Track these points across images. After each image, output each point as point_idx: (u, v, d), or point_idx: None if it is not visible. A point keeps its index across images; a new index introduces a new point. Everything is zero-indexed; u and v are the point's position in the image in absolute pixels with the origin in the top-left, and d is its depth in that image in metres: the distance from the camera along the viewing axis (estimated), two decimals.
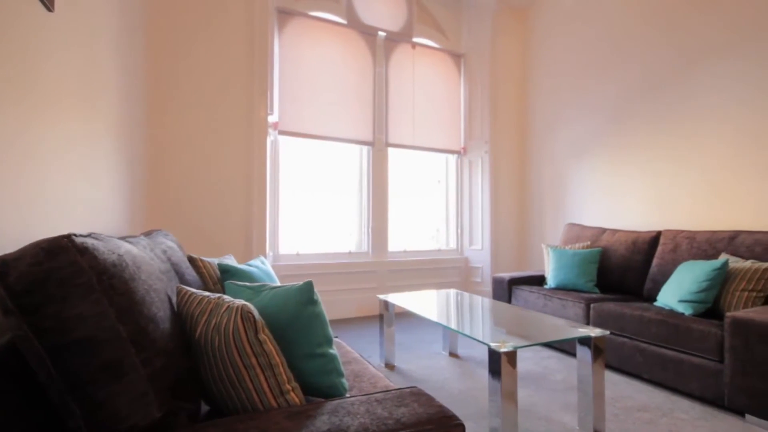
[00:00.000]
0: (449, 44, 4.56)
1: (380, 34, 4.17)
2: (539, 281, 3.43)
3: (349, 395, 1.16)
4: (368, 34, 4.11)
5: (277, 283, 1.85)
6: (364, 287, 4.03)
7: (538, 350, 2.94)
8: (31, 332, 0.69)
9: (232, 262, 1.98)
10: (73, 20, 1.53)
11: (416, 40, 4.37)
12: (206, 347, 0.94)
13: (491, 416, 1.58)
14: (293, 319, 1.06)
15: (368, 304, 4.03)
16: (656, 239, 3.00)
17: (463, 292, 2.87)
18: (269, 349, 0.94)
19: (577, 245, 3.33)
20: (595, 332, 1.79)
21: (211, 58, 3.20)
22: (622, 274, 3.06)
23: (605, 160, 3.69)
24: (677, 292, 2.37)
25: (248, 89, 3.33)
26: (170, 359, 0.87)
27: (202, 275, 1.81)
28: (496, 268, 4.39)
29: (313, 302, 1.08)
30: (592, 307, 2.70)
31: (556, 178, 4.21)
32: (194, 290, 1.08)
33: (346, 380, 1.14)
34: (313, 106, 3.84)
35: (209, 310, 0.98)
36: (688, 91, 3.03)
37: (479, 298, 2.66)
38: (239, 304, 0.95)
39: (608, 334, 1.84)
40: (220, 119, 3.23)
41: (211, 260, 1.91)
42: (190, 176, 3.13)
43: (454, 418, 0.92)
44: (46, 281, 0.70)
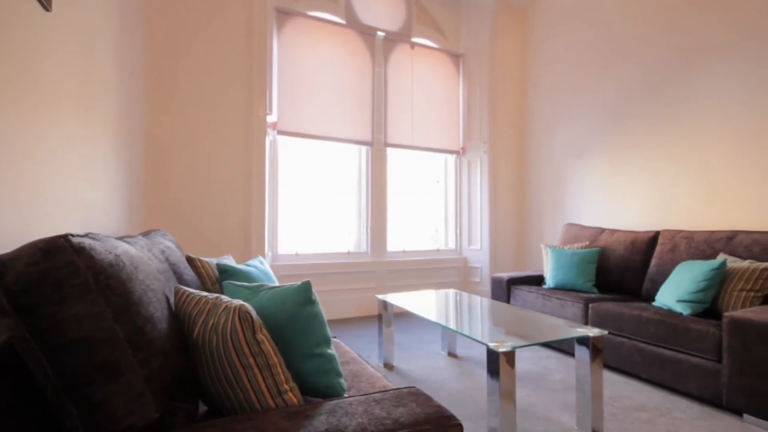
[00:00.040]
0: (448, 44, 4.56)
1: (379, 34, 4.17)
2: (538, 281, 3.43)
3: (347, 395, 1.16)
4: (367, 34, 4.11)
5: (275, 283, 1.85)
6: (362, 287, 4.03)
7: (536, 350, 2.94)
8: (27, 332, 0.69)
9: (230, 262, 1.97)
10: (71, 20, 1.52)
11: (415, 40, 4.37)
12: (204, 347, 0.94)
13: (490, 416, 1.58)
14: (291, 319, 1.06)
15: (367, 304, 4.03)
16: (655, 239, 3.00)
17: (461, 292, 2.87)
18: (267, 349, 0.94)
19: (575, 245, 3.33)
20: (593, 332, 1.79)
21: (210, 57, 3.20)
22: (620, 274, 3.06)
23: (604, 160, 3.69)
24: (675, 292, 2.37)
25: (247, 89, 3.33)
26: (167, 359, 0.87)
27: (200, 275, 1.80)
28: (494, 268, 4.40)
29: (311, 302, 1.08)
30: (590, 307, 2.70)
31: (555, 178, 4.21)
32: (192, 290, 1.08)
33: (344, 380, 1.14)
34: (312, 106, 3.84)
35: (207, 310, 0.98)
36: (687, 91, 3.04)
37: (478, 298, 2.66)
38: (237, 304, 0.94)
39: (606, 334, 1.85)
40: (218, 119, 3.23)
41: (209, 260, 1.91)
42: (189, 176, 3.13)
43: (452, 418, 0.92)
44: (42, 281, 0.70)
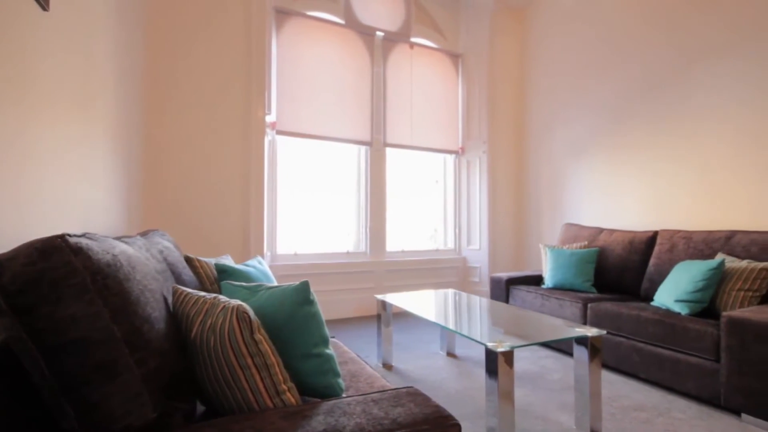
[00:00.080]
0: (447, 44, 4.56)
1: (378, 34, 4.17)
2: (537, 281, 3.44)
3: (345, 395, 1.16)
4: (366, 34, 4.11)
5: (274, 283, 1.84)
6: (361, 287, 4.03)
7: (535, 350, 2.94)
8: (24, 333, 0.68)
9: (229, 262, 1.97)
10: (69, 20, 1.52)
11: (414, 40, 4.37)
12: (202, 347, 0.94)
13: (488, 416, 1.59)
14: (289, 319, 1.06)
15: (366, 304, 4.03)
16: (653, 239, 3.00)
17: (460, 292, 2.87)
18: (265, 349, 0.94)
19: (574, 245, 3.34)
20: (591, 332, 1.79)
21: (208, 57, 3.20)
22: (619, 273, 3.07)
23: (603, 159, 3.69)
24: (674, 291, 2.37)
25: (246, 89, 3.33)
26: (165, 359, 0.87)
27: (199, 275, 1.80)
28: (493, 267, 4.40)
29: (309, 302, 1.08)
30: (589, 306, 2.70)
31: (553, 177, 4.22)
32: (190, 290, 1.08)
33: (342, 380, 1.14)
34: (311, 106, 3.83)
35: (205, 310, 0.98)
36: (686, 90, 3.04)
37: (477, 297, 2.66)
38: (235, 304, 0.94)
39: (605, 333, 1.85)
40: (217, 119, 3.23)
41: (208, 260, 1.90)
42: (187, 176, 3.13)
43: (450, 418, 0.92)
44: (39, 281, 0.70)
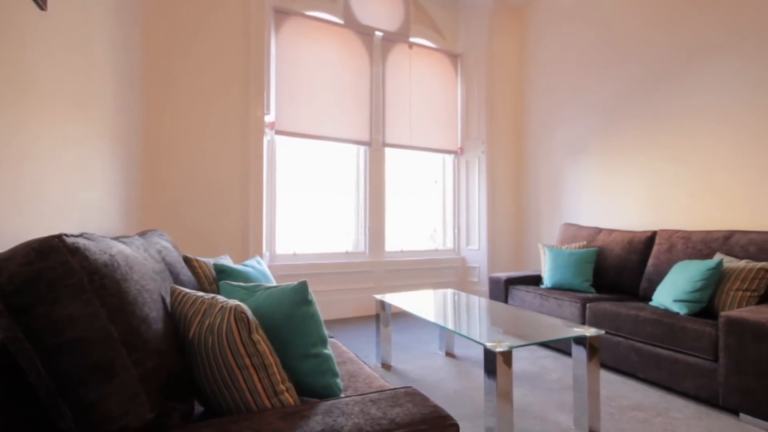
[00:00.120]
0: (446, 44, 4.56)
1: (377, 34, 4.17)
2: (536, 281, 3.44)
3: (343, 395, 1.16)
4: (365, 34, 4.11)
5: (273, 283, 1.84)
6: (361, 287, 4.03)
7: (534, 350, 2.95)
8: (21, 333, 0.68)
9: (227, 262, 1.97)
10: (66, 19, 1.52)
11: (413, 40, 4.37)
12: (200, 348, 0.94)
13: (487, 416, 1.59)
14: (287, 319, 1.05)
15: (365, 304, 4.03)
16: (652, 239, 3.01)
17: (459, 292, 2.87)
18: (263, 349, 0.94)
19: (573, 245, 3.34)
20: (590, 332, 1.80)
21: (207, 57, 3.19)
22: (617, 273, 3.07)
23: (602, 159, 3.70)
24: (672, 291, 2.38)
25: (245, 89, 3.33)
26: (163, 360, 0.87)
27: (197, 275, 1.80)
28: (492, 267, 4.40)
29: (307, 302, 1.08)
30: (587, 306, 2.70)
31: (552, 177, 4.22)
32: (188, 290, 1.08)
33: (341, 380, 1.14)
34: (310, 105, 3.83)
35: (203, 310, 0.97)
36: (686, 90, 3.04)
37: (476, 297, 2.66)
38: (233, 304, 0.94)
39: (603, 333, 1.85)
40: (216, 119, 3.22)
41: (206, 260, 1.90)
42: (186, 176, 3.12)
43: (448, 418, 0.92)
44: (36, 281, 0.69)
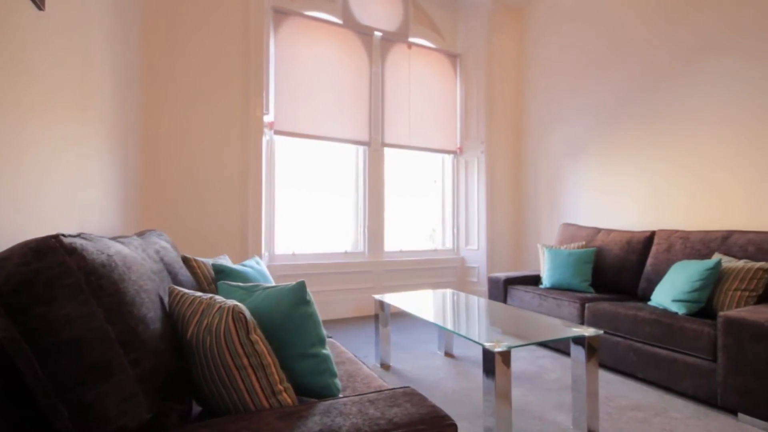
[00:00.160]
0: (445, 44, 4.56)
1: (376, 34, 4.17)
2: (535, 281, 3.44)
3: (342, 395, 1.16)
4: (364, 34, 4.11)
5: (271, 283, 1.84)
6: (360, 287, 4.03)
7: (533, 350, 2.95)
8: (18, 333, 0.68)
9: (226, 262, 1.97)
10: (65, 19, 1.52)
11: (412, 40, 4.37)
12: (198, 348, 0.94)
13: (485, 416, 1.59)
14: (286, 319, 1.05)
15: (364, 304, 4.03)
16: (650, 239, 3.01)
17: (459, 292, 2.87)
18: (261, 349, 0.94)
19: (572, 245, 3.34)
20: (588, 332, 1.80)
21: (206, 57, 3.19)
22: (616, 273, 3.07)
23: (601, 159, 3.70)
24: (671, 291, 2.38)
25: (244, 89, 3.32)
26: (160, 360, 0.87)
27: (196, 275, 1.80)
28: (492, 267, 4.40)
29: (305, 302, 1.08)
30: (586, 306, 2.70)
31: (551, 177, 4.22)
32: (186, 291, 1.08)
33: (339, 380, 1.14)
34: (309, 105, 3.83)
35: (201, 310, 0.97)
36: (685, 90, 3.05)
37: (475, 297, 2.66)
38: (231, 304, 0.94)
39: (602, 333, 1.85)
40: (215, 119, 3.22)
41: (205, 260, 1.90)
42: (185, 176, 3.12)
43: (446, 418, 0.92)
44: (33, 281, 0.69)
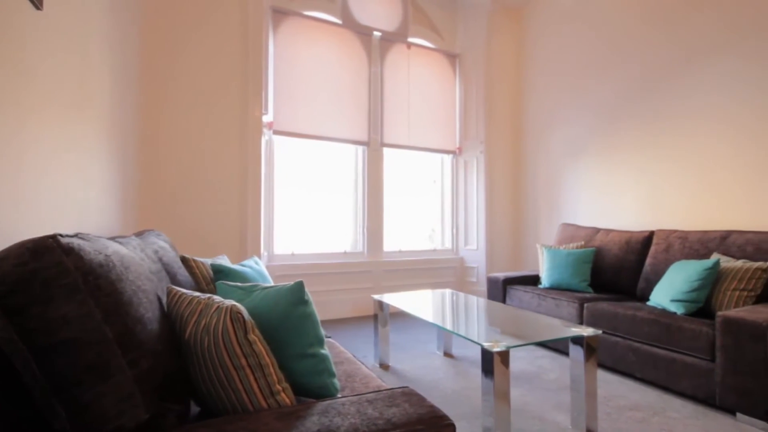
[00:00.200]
0: (444, 44, 4.56)
1: (375, 34, 4.17)
2: (534, 281, 3.44)
3: (340, 395, 1.15)
4: (363, 34, 4.11)
5: (270, 283, 1.84)
6: (359, 287, 4.03)
7: (531, 350, 2.95)
8: (15, 333, 0.68)
9: (225, 262, 1.97)
10: (63, 19, 1.51)
11: (411, 40, 4.37)
12: (196, 348, 0.93)
13: (484, 416, 1.59)
14: (284, 319, 1.05)
15: (363, 304, 4.03)
16: (649, 239, 3.01)
17: (458, 292, 2.87)
18: (259, 349, 0.94)
19: (571, 245, 3.34)
20: (587, 332, 1.80)
21: (205, 57, 3.19)
22: (615, 273, 3.07)
23: (600, 159, 3.70)
24: (669, 291, 2.38)
25: (243, 89, 3.32)
26: (158, 360, 0.86)
27: (194, 275, 1.80)
28: (491, 267, 4.40)
29: (303, 302, 1.08)
30: (585, 306, 2.71)
31: (550, 177, 4.22)
32: (184, 291, 1.07)
33: (337, 380, 1.14)
34: (308, 105, 3.83)
35: (199, 310, 0.97)
36: (685, 90, 3.05)
37: (474, 297, 2.66)
38: (229, 304, 0.94)
39: (601, 333, 1.85)
40: (214, 119, 3.22)
41: (204, 260, 1.90)
42: (184, 176, 3.12)
43: (444, 417, 0.92)
44: (30, 281, 0.69)
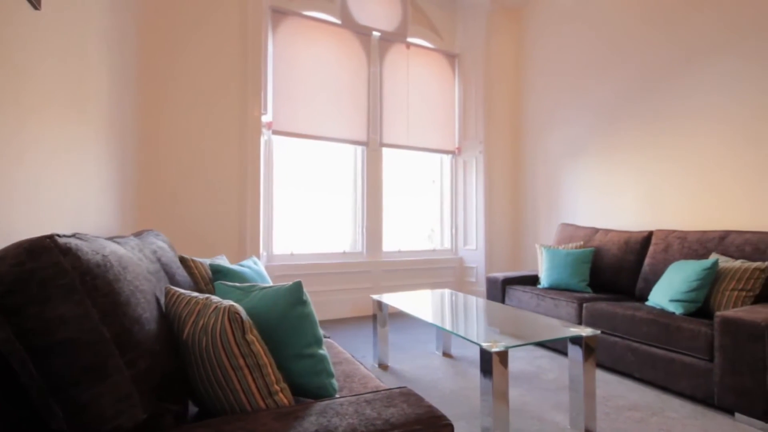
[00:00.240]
0: (444, 44, 4.56)
1: (375, 34, 4.16)
2: (533, 281, 3.44)
3: (338, 396, 1.15)
4: (363, 34, 4.11)
5: (269, 283, 1.84)
6: (358, 287, 4.03)
7: (530, 350, 2.95)
8: (12, 333, 0.68)
9: (224, 262, 1.97)
10: (61, 19, 1.51)
11: (411, 40, 4.37)
12: (194, 348, 0.93)
13: (483, 416, 1.59)
14: (282, 319, 1.05)
15: (363, 304, 4.03)
16: (648, 239, 3.02)
17: (457, 292, 2.87)
18: (257, 349, 0.94)
19: (570, 245, 3.34)
20: (586, 332, 1.80)
21: (204, 57, 3.18)
22: (614, 273, 3.08)
23: (599, 159, 3.70)
24: (668, 291, 2.38)
25: (242, 89, 3.32)
26: (156, 360, 0.86)
27: (193, 276, 1.80)
28: (490, 267, 4.40)
29: (302, 302, 1.08)
30: (584, 306, 2.71)
31: (549, 178, 4.23)
32: (182, 291, 1.07)
33: (336, 381, 1.14)
34: (307, 105, 3.83)
35: (197, 311, 0.97)
36: (684, 90, 3.05)
37: (473, 298, 2.66)
38: (227, 304, 0.94)
39: (599, 333, 1.85)
40: (213, 119, 3.22)
41: (203, 261, 1.90)
42: (183, 176, 3.12)
43: (442, 418, 0.92)
44: (28, 282, 0.69)
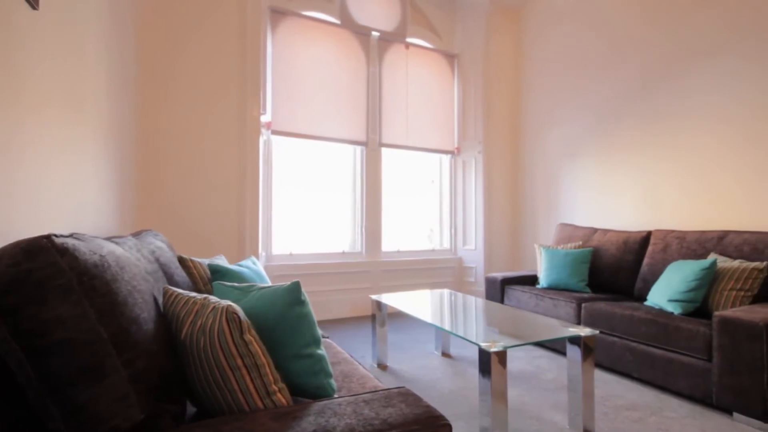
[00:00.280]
0: (443, 44, 4.56)
1: (374, 34, 4.17)
2: (532, 281, 3.44)
3: (337, 396, 1.15)
4: (362, 34, 4.11)
5: (267, 283, 1.84)
6: (357, 287, 4.03)
7: (529, 350, 2.95)
8: (9, 334, 0.68)
9: (222, 262, 1.97)
10: (59, 19, 1.51)
11: (410, 40, 4.37)
12: (192, 348, 0.93)
13: (482, 416, 1.59)
14: (280, 319, 1.05)
15: (362, 304, 4.03)
16: (647, 239, 3.02)
17: (456, 292, 2.87)
18: (255, 349, 0.94)
19: (569, 245, 3.35)
20: (584, 332, 1.80)
21: (203, 57, 3.18)
22: (613, 273, 3.08)
23: (598, 160, 3.71)
24: (667, 291, 2.39)
25: (241, 89, 3.32)
26: (153, 360, 0.86)
27: (192, 276, 1.79)
28: (489, 267, 4.41)
29: (300, 302, 1.08)
30: (583, 306, 2.71)
31: (548, 178, 4.23)
32: (180, 291, 1.07)
33: (334, 381, 1.14)
34: (306, 105, 3.83)
35: (195, 311, 0.97)
36: (683, 90, 3.05)
37: (472, 298, 2.66)
38: (225, 304, 0.94)
39: (598, 333, 1.86)
40: (212, 119, 3.22)
41: (201, 261, 1.90)
42: (182, 176, 3.11)
43: (441, 418, 0.92)
44: (25, 282, 0.69)
